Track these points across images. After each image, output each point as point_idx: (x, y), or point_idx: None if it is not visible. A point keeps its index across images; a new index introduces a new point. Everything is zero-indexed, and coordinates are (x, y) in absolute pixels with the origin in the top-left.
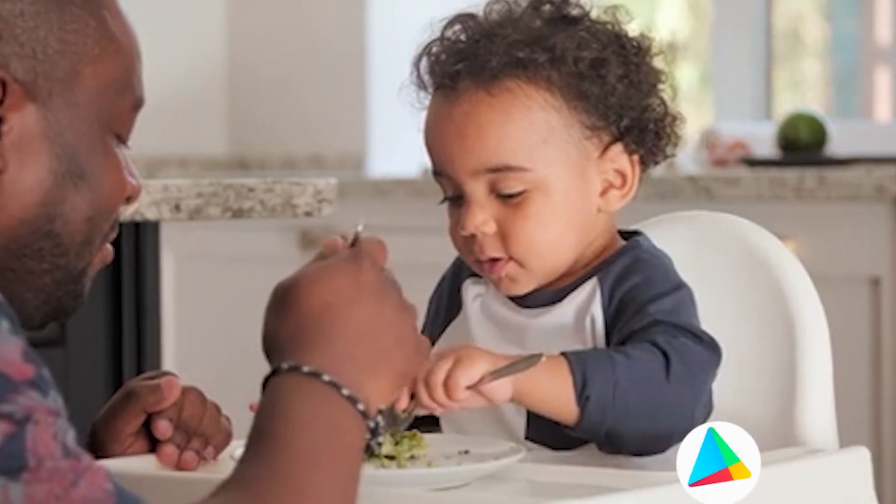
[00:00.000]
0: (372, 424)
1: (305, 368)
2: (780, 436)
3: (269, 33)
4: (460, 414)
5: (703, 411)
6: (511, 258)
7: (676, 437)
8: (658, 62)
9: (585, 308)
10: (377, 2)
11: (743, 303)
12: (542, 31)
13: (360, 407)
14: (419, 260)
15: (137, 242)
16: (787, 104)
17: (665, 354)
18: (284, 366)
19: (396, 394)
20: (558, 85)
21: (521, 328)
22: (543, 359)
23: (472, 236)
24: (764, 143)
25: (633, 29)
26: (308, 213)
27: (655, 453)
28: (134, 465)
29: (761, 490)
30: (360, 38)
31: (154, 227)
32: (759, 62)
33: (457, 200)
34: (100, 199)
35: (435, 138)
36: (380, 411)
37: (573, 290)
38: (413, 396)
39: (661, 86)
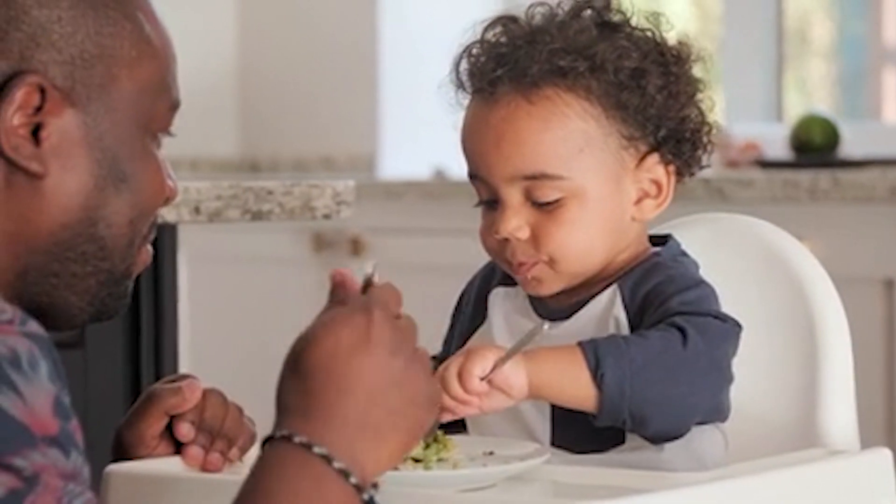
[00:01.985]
0: (366, 497)
1: (297, 438)
2: (802, 437)
3: (280, 35)
4: (488, 423)
5: (726, 383)
6: (540, 261)
7: (700, 410)
8: (696, 71)
9: (608, 311)
10: (388, 4)
11: (763, 304)
12: (584, 38)
13: (353, 480)
14: (431, 261)
15: (155, 245)
16: (794, 105)
17: (681, 329)
18: (278, 434)
19: (406, 454)
20: (597, 94)
21: (543, 339)
22: (546, 326)
23: (506, 240)
24: (775, 144)
25: (672, 36)
26: (326, 216)
27: (681, 431)
28: (160, 467)
29: (783, 491)
30: (371, 40)
31: (172, 229)
32: (769, 63)
33: (491, 204)
34: (141, 201)
35: (472, 143)
36: None
37: (593, 298)
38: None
39: (699, 95)
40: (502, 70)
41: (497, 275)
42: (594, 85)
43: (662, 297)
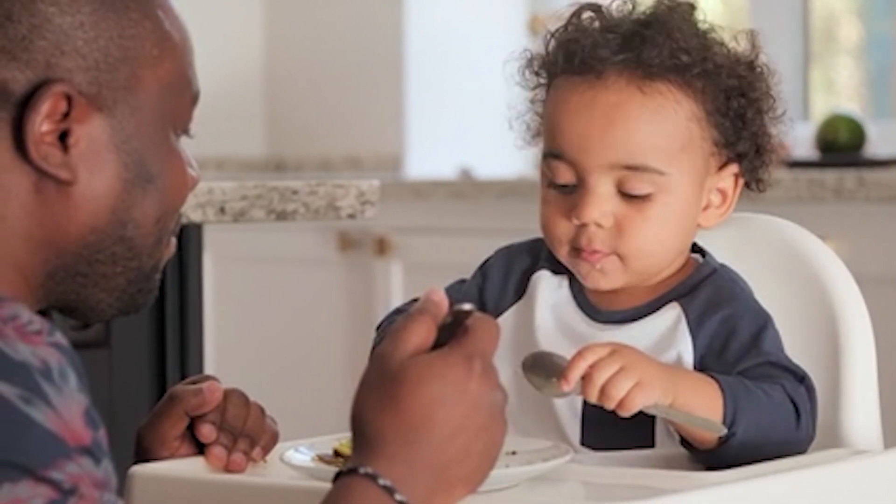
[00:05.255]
0: None
1: (381, 481)
2: (825, 437)
3: (307, 35)
4: (519, 418)
5: None
6: (614, 253)
7: None
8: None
9: (671, 334)
10: (414, 4)
11: (787, 304)
12: (700, 40)
13: None
14: (457, 261)
15: (181, 245)
16: (821, 104)
17: (795, 406)
18: (361, 470)
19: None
20: (705, 96)
21: (589, 339)
22: (724, 432)
23: (583, 226)
24: (802, 143)
25: (764, 53)
26: (351, 216)
27: None
28: (184, 468)
29: (807, 491)
30: (397, 40)
31: (197, 229)
32: (796, 63)
33: (566, 188)
34: (167, 199)
35: (571, 123)
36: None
37: (652, 313)
38: (561, 378)
39: (785, 115)
40: (621, 56)
41: (542, 257)
42: (708, 88)
43: (743, 335)
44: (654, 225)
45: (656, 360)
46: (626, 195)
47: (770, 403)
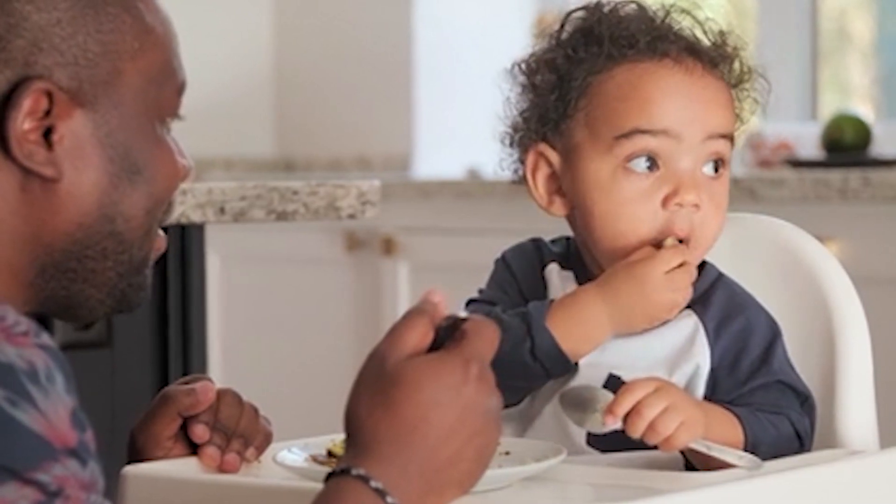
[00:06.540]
0: None
1: (373, 483)
2: (821, 437)
3: (316, 36)
4: (521, 419)
5: None
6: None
7: None
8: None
9: (688, 345)
10: (423, 4)
11: (783, 305)
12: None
13: None
14: (463, 261)
15: (183, 244)
16: (832, 104)
17: (800, 438)
18: (354, 471)
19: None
20: (735, 94)
21: (605, 347)
22: (760, 466)
23: (677, 210)
24: (810, 143)
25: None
26: (351, 216)
27: None
28: (177, 468)
29: (804, 491)
30: (406, 41)
31: (199, 229)
32: (804, 62)
33: (642, 173)
34: (157, 190)
35: (672, 98)
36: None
37: (668, 321)
38: (606, 413)
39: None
40: (684, 42)
41: (546, 254)
42: (735, 84)
43: (754, 353)
44: (720, 214)
45: (691, 397)
46: (704, 177)
47: (779, 437)
